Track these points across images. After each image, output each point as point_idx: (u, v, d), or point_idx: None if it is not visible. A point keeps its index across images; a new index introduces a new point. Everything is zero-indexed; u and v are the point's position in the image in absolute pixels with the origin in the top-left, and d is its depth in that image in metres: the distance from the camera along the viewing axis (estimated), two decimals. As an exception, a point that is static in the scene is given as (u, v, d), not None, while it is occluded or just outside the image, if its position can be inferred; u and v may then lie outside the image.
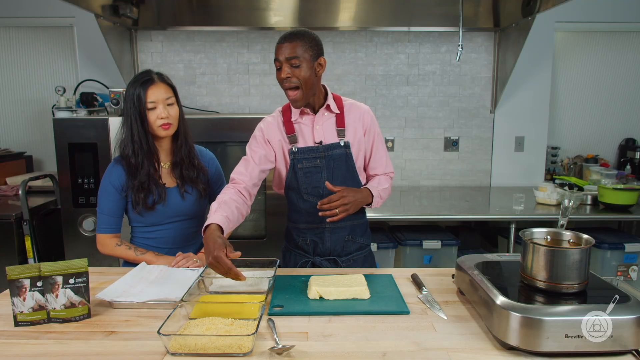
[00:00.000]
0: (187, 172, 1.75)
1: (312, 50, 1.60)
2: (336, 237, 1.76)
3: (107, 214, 1.71)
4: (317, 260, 1.77)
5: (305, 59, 1.58)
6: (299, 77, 1.59)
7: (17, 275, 1.22)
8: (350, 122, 1.73)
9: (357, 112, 1.75)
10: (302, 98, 1.63)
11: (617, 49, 3.56)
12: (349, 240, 1.78)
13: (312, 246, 1.79)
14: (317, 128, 1.72)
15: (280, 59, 1.58)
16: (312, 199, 1.72)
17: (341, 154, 1.71)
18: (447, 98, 3.50)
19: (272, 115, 1.77)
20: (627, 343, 1.03)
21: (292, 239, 1.82)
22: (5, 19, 3.38)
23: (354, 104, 1.78)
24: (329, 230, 1.75)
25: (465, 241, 3.16)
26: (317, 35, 1.65)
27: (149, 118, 1.64)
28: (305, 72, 1.59)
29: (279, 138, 1.74)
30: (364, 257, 1.83)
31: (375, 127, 1.78)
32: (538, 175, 3.57)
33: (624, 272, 2.77)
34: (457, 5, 2.68)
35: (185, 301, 1.23)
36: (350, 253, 1.79)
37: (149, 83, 1.63)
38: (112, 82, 3.33)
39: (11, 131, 3.57)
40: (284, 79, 1.59)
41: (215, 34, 3.39)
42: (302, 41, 1.58)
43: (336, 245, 1.77)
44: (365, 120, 1.75)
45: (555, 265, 1.13)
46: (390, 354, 1.07)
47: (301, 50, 1.57)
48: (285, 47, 1.58)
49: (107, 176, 1.70)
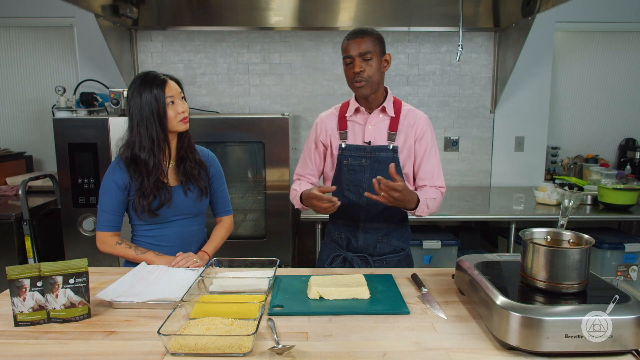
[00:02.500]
0: (190, 168, 1.75)
1: (380, 46, 1.69)
2: (369, 237, 1.78)
3: (108, 211, 1.71)
4: (349, 256, 1.80)
5: (375, 53, 1.66)
6: (370, 72, 1.65)
7: (17, 275, 1.22)
8: (403, 128, 1.74)
9: (412, 119, 1.75)
10: (369, 90, 1.68)
11: (617, 49, 3.56)
12: (382, 241, 1.79)
13: (345, 241, 1.82)
14: (369, 128, 1.75)
15: (354, 54, 1.65)
16: (352, 196, 1.77)
17: (387, 157, 1.71)
18: (447, 98, 3.50)
19: (327, 112, 1.87)
20: (627, 343, 1.03)
21: (330, 234, 1.88)
22: (5, 19, 3.38)
23: (412, 110, 1.78)
24: (362, 229, 1.78)
25: (465, 241, 3.16)
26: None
27: (169, 114, 1.64)
28: (377, 66, 1.67)
29: (330, 133, 1.82)
30: (397, 260, 1.83)
31: (428, 137, 1.75)
32: (538, 175, 3.57)
33: (624, 272, 2.77)
34: (457, 5, 2.68)
35: (185, 301, 1.23)
36: (383, 254, 1.80)
37: (165, 82, 1.64)
38: (112, 82, 3.33)
39: (11, 131, 3.58)
40: (357, 74, 1.65)
41: (215, 34, 3.39)
42: (372, 36, 1.66)
43: (368, 245, 1.79)
44: (418, 127, 1.74)
45: (555, 265, 1.13)
46: (390, 354, 1.07)
47: (373, 45, 1.65)
48: (359, 43, 1.64)
49: (110, 174, 1.70)
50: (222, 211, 1.92)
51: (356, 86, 1.68)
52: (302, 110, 3.49)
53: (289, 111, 3.13)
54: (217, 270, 1.54)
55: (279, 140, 2.71)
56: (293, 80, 3.47)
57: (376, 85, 1.69)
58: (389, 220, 1.79)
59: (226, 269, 1.56)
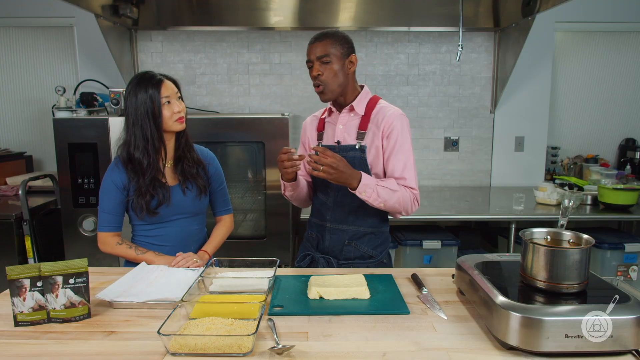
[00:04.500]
0: (188, 167, 1.76)
1: (342, 48, 1.65)
2: (335, 238, 1.75)
3: (108, 212, 1.71)
4: (316, 256, 1.79)
5: (334, 56, 1.64)
6: (327, 75, 1.64)
7: (17, 275, 1.22)
8: (372, 126, 1.70)
9: (381, 116, 1.68)
10: (329, 94, 1.67)
11: (617, 49, 3.56)
12: (349, 245, 1.74)
13: (315, 241, 1.82)
14: (340, 127, 1.75)
15: (312, 58, 1.65)
16: (321, 196, 1.78)
17: (355, 157, 1.68)
18: (447, 98, 3.50)
19: (312, 115, 1.91)
20: (627, 343, 1.02)
21: (307, 231, 1.91)
22: (5, 19, 3.38)
23: (384, 108, 1.71)
24: (328, 230, 1.76)
25: (465, 241, 3.16)
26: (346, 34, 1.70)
27: (164, 114, 1.64)
28: (338, 68, 1.64)
29: (309, 135, 1.87)
30: (366, 267, 1.73)
31: (396, 133, 1.65)
32: (538, 175, 3.57)
33: (624, 272, 2.77)
34: (457, 5, 2.68)
35: (185, 301, 1.23)
36: (349, 259, 1.75)
37: (161, 82, 1.65)
38: (112, 82, 3.33)
39: (11, 131, 3.58)
40: (315, 77, 1.64)
41: (215, 34, 3.39)
42: (332, 39, 1.64)
43: (334, 247, 1.76)
44: (386, 124, 1.66)
45: (555, 265, 1.12)
46: (390, 354, 1.07)
47: (331, 48, 1.63)
48: (315, 47, 1.64)
49: (109, 174, 1.70)
50: (221, 210, 1.92)
51: (316, 91, 1.69)
52: (302, 110, 3.49)
53: (289, 111, 3.13)
54: (217, 270, 1.54)
55: (279, 140, 2.71)
56: (293, 80, 3.47)
57: (338, 88, 1.66)
58: (357, 224, 1.73)
59: (226, 269, 1.56)
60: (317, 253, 1.80)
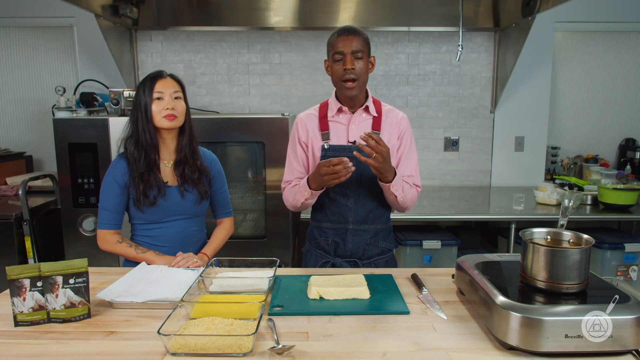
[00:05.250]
0: (190, 172, 1.75)
1: (368, 47, 1.69)
2: (358, 239, 1.75)
3: (109, 209, 1.71)
4: (337, 262, 1.75)
5: (365, 53, 1.66)
6: (360, 70, 1.64)
7: (17, 275, 1.22)
8: (386, 127, 1.74)
9: (394, 118, 1.76)
10: (358, 89, 1.68)
11: (617, 49, 3.56)
12: (371, 243, 1.76)
13: (333, 247, 1.77)
14: (353, 128, 1.74)
15: (345, 51, 1.63)
16: (339, 198, 1.73)
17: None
18: (447, 98, 3.50)
19: (306, 112, 1.82)
20: (627, 343, 1.03)
21: (314, 239, 1.82)
22: (5, 19, 3.38)
23: (392, 110, 1.79)
24: (351, 232, 1.74)
25: (465, 241, 3.16)
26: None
27: (153, 109, 1.66)
28: (365, 66, 1.67)
29: (311, 135, 1.76)
30: (385, 261, 1.81)
31: (409, 135, 1.76)
32: (538, 175, 3.57)
33: (624, 272, 2.77)
34: (457, 5, 2.68)
35: (185, 301, 1.23)
36: (371, 257, 1.77)
37: (158, 77, 1.69)
38: (112, 82, 3.33)
39: (11, 131, 3.58)
40: (348, 70, 1.63)
41: (215, 34, 3.39)
42: (363, 36, 1.67)
43: (358, 248, 1.75)
44: (401, 126, 1.75)
45: (555, 265, 1.12)
46: (390, 354, 1.07)
47: (363, 44, 1.65)
48: (351, 40, 1.63)
49: (111, 172, 1.71)
50: (222, 213, 1.92)
51: (346, 85, 1.65)
52: (302, 110, 3.45)
53: (289, 111, 3.13)
54: (217, 270, 1.54)
55: (279, 140, 2.71)
56: (293, 80, 3.47)
57: (364, 85, 1.71)
58: (376, 222, 1.76)
59: (226, 269, 1.56)
60: (337, 258, 1.76)
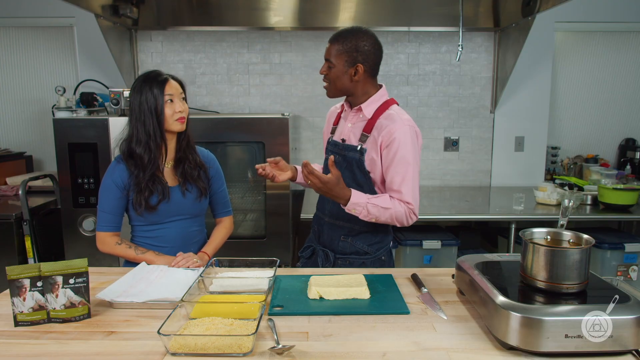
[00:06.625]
0: (190, 169, 1.76)
1: (348, 57, 1.66)
2: (333, 233, 1.80)
3: (108, 211, 1.71)
4: (317, 248, 1.85)
5: (338, 64, 1.67)
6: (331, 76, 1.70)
7: (17, 275, 1.22)
8: (374, 133, 1.67)
9: (385, 124, 1.64)
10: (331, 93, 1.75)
11: (617, 49, 3.56)
12: (345, 241, 1.78)
13: (317, 233, 1.88)
14: (349, 126, 1.77)
15: (325, 57, 1.71)
16: None
17: (354, 158, 1.70)
18: (447, 98, 3.50)
19: (336, 105, 1.93)
20: (627, 343, 1.03)
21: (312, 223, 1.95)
22: (5, 19, 3.38)
23: (391, 116, 1.66)
24: (327, 224, 1.81)
25: (465, 241, 3.16)
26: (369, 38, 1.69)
27: (166, 112, 1.66)
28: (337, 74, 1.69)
29: (327, 129, 1.92)
30: (362, 262, 1.77)
31: (397, 144, 1.60)
32: (538, 175, 3.57)
33: (624, 272, 2.77)
34: (457, 5, 2.68)
35: (185, 301, 1.23)
36: (345, 253, 1.79)
37: (166, 80, 1.68)
38: (112, 82, 3.33)
39: (11, 131, 3.58)
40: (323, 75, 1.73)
41: (215, 34, 3.39)
42: (341, 44, 1.66)
43: (332, 241, 1.80)
44: (387, 135, 1.62)
45: (555, 265, 1.12)
46: (390, 354, 1.07)
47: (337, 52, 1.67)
48: (329, 48, 1.70)
49: (110, 173, 1.70)
50: (221, 212, 1.92)
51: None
52: (302, 110, 3.49)
53: (289, 111, 3.13)
54: (217, 270, 1.54)
55: (279, 140, 2.72)
56: (293, 80, 3.47)
57: (339, 91, 1.73)
58: (352, 221, 1.72)
59: (226, 269, 1.56)
60: (319, 245, 1.85)
